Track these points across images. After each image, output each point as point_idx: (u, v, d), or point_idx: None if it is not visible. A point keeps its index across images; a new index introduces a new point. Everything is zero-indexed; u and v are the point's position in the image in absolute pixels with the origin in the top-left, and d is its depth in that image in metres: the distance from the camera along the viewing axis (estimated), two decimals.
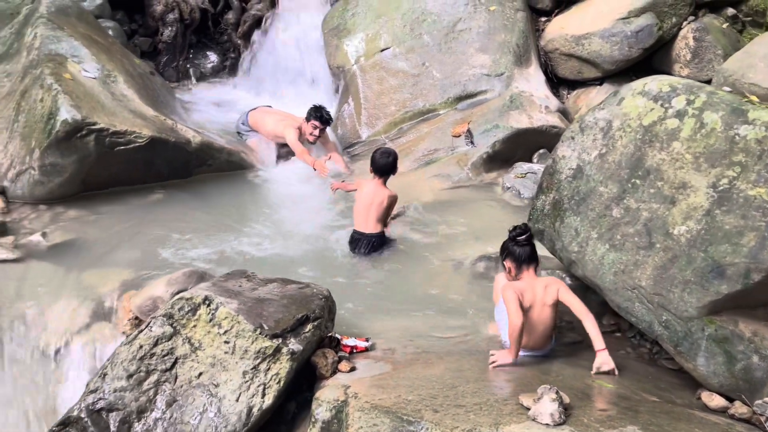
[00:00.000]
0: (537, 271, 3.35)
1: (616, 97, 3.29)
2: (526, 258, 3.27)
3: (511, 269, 3.31)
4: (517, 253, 3.28)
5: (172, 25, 7.41)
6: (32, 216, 4.70)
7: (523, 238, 3.28)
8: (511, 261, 3.31)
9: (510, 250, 3.32)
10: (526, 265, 3.28)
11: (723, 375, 2.82)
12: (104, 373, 2.82)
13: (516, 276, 3.30)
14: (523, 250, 3.27)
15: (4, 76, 5.25)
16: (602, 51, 6.57)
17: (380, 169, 4.66)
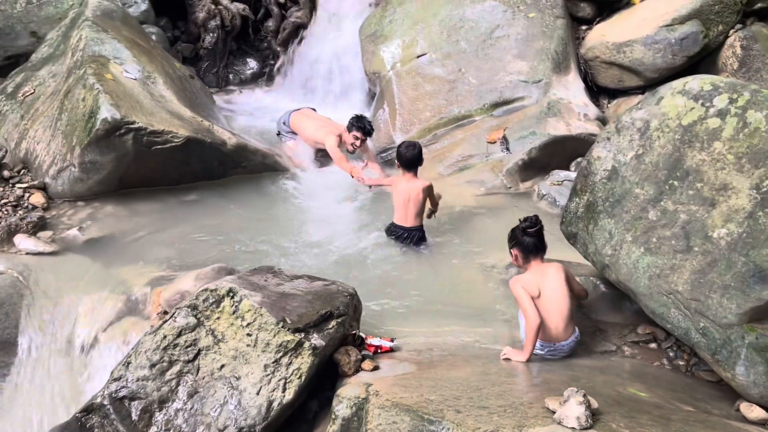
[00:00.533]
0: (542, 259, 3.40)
1: (655, 96, 3.19)
2: (533, 248, 3.35)
3: (517, 257, 3.40)
4: (525, 243, 3.36)
5: (214, 32, 7.55)
6: (71, 212, 4.80)
7: (533, 230, 3.34)
8: (518, 250, 3.39)
9: (519, 240, 3.39)
10: (533, 255, 3.36)
11: (764, 385, 2.67)
12: (128, 362, 2.83)
13: (523, 264, 3.39)
14: (531, 240, 3.34)
15: (50, 77, 5.40)
16: (644, 59, 6.42)
17: (408, 163, 4.70)
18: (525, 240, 3.36)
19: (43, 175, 4.92)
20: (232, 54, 7.88)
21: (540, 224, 3.38)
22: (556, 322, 3.23)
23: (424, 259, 4.59)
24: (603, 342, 3.51)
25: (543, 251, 3.38)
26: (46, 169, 4.91)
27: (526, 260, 3.37)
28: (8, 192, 4.76)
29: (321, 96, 7.13)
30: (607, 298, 3.69)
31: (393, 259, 4.56)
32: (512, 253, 3.44)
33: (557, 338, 3.27)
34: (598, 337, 3.55)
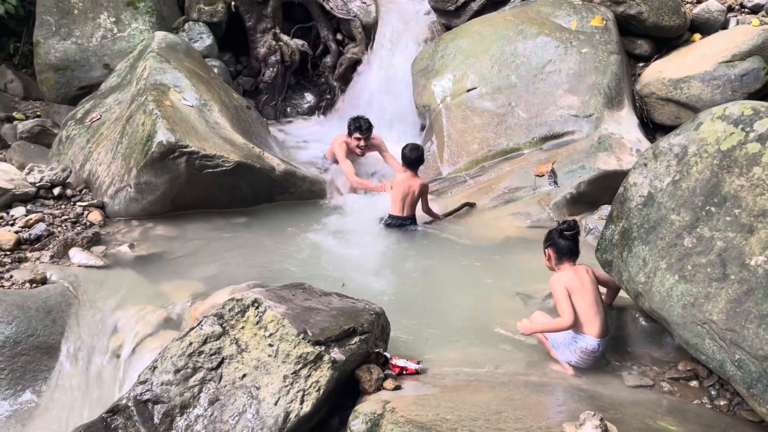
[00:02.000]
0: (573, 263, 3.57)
1: (694, 122, 3.11)
2: (567, 251, 3.54)
3: (551, 257, 3.60)
4: (560, 245, 3.55)
5: (274, 67, 7.87)
6: (124, 230, 5.03)
7: (570, 234, 3.54)
8: (553, 250, 3.58)
9: (554, 241, 3.58)
10: (567, 257, 3.55)
11: None
12: (154, 366, 2.91)
13: (555, 265, 3.58)
14: (566, 243, 3.54)
15: (115, 104, 5.75)
16: (702, 95, 6.27)
17: (411, 162, 5.45)
18: (560, 242, 3.55)
19: (102, 194, 5.19)
20: (291, 88, 8.18)
21: (577, 229, 3.58)
22: (595, 319, 3.38)
23: (462, 285, 4.54)
24: (640, 376, 3.36)
25: (576, 256, 3.56)
26: (105, 189, 5.19)
27: (558, 261, 3.56)
28: (69, 209, 5.04)
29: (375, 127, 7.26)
30: (646, 331, 3.54)
31: (432, 284, 4.55)
32: (546, 253, 3.63)
33: (598, 335, 3.38)
34: (635, 371, 3.40)
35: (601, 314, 3.42)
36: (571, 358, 3.43)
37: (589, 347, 3.37)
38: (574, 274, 3.47)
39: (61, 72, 6.85)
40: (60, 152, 5.79)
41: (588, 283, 3.44)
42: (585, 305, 3.38)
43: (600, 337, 3.37)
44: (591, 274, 3.50)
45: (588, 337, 3.37)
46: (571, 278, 3.45)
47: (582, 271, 3.50)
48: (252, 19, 7.73)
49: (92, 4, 6.88)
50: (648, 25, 6.76)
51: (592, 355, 3.38)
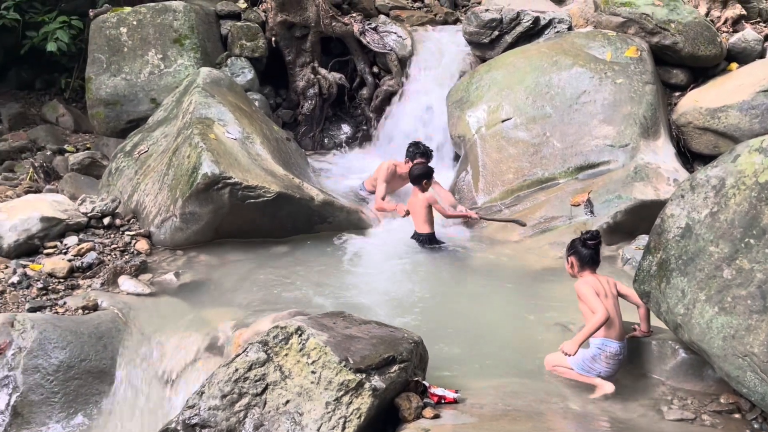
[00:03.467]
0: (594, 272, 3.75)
1: (731, 154, 3.13)
2: (589, 259, 3.72)
3: (573, 265, 3.76)
4: (582, 254, 3.72)
5: (312, 99, 8.08)
6: (170, 258, 5.21)
7: (592, 243, 3.72)
8: (575, 258, 3.74)
9: (576, 249, 3.75)
10: (588, 266, 3.72)
11: None
12: (202, 392, 3.02)
13: (576, 273, 3.76)
14: (588, 252, 3.71)
15: (162, 137, 6.00)
16: (740, 124, 6.25)
17: (414, 179, 5.79)
18: (583, 251, 3.72)
19: (149, 224, 5.39)
20: (328, 119, 8.38)
21: (599, 239, 3.76)
22: (616, 323, 3.57)
23: (500, 314, 4.58)
24: (681, 410, 3.34)
25: (596, 265, 3.75)
26: (151, 219, 5.39)
27: (581, 269, 3.74)
28: (118, 238, 5.25)
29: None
30: (686, 363, 3.52)
31: (470, 312, 4.59)
32: (568, 261, 3.80)
33: (618, 338, 3.56)
34: (676, 405, 3.38)
35: (620, 320, 3.62)
36: (600, 368, 3.57)
37: (612, 350, 3.55)
38: (596, 279, 3.69)
39: (111, 106, 7.16)
40: (109, 183, 6.04)
41: (609, 290, 3.66)
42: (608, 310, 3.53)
43: (620, 340, 3.58)
44: (612, 285, 3.70)
45: (610, 341, 3.56)
46: (595, 282, 3.66)
47: (603, 280, 3.71)
48: (291, 54, 7.98)
49: (141, 42, 7.21)
50: (683, 55, 6.79)
51: (616, 358, 3.57)
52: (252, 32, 7.77)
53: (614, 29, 7.02)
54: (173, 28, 7.26)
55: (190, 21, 7.32)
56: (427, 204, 5.67)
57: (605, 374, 3.58)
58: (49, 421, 3.69)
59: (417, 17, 8.54)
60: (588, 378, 3.59)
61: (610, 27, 7.07)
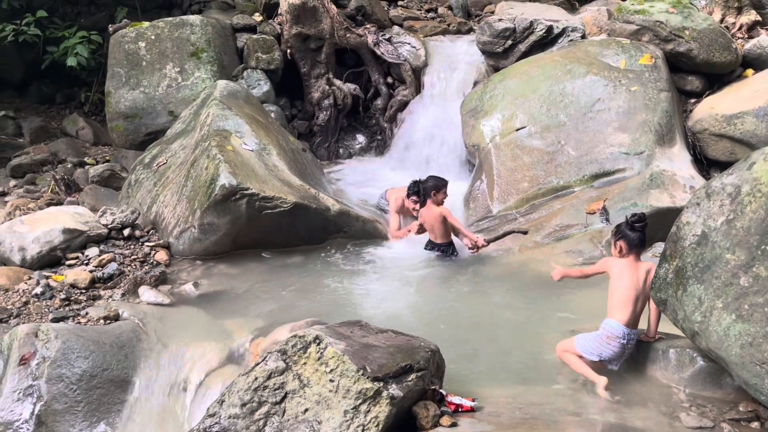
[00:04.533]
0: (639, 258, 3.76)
1: (747, 162, 3.13)
2: (637, 242, 3.71)
3: (622, 248, 3.75)
4: (630, 237, 3.72)
5: (327, 110, 8.17)
6: (189, 269, 5.29)
7: (640, 225, 3.72)
8: (624, 242, 3.74)
9: (624, 233, 3.75)
10: (636, 248, 3.73)
11: None
12: (222, 400, 3.07)
13: (623, 255, 3.75)
14: (636, 235, 3.72)
15: (180, 149, 6.09)
16: (757, 130, 6.22)
17: (426, 192, 5.76)
18: (630, 234, 3.72)
19: (168, 235, 5.48)
20: (343, 130, 8.45)
21: (646, 221, 3.75)
22: (633, 311, 3.62)
23: (514, 322, 4.58)
24: (699, 417, 3.32)
25: (643, 247, 3.76)
26: (170, 230, 5.47)
27: (628, 252, 3.73)
28: (138, 249, 5.34)
29: (423, 168, 7.42)
30: (704, 371, 3.50)
31: (486, 320, 4.61)
32: (617, 245, 3.77)
33: (628, 324, 3.61)
34: (694, 412, 3.36)
35: (634, 308, 3.62)
36: (602, 350, 3.65)
37: (614, 332, 3.61)
38: (630, 265, 3.70)
39: (130, 119, 7.29)
40: (129, 195, 6.14)
41: (637, 277, 3.66)
42: (622, 292, 3.63)
43: (625, 324, 3.60)
44: (649, 277, 3.62)
45: (613, 321, 3.62)
46: (623, 266, 3.70)
47: (642, 268, 3.69)
48: (306, 66, 8.08)
49: (159, 56, 7.33)
50: (698, 61, 6.77)
51: (617, 341, 3.61)
52: (267, 45, 7.88)
53: (628, 37, 7.02)
54: (190, 42, 7.38)
55: (206, 34, 7.44)
56: (442, 217, 5.63)
57: (607, 357, 3.66)
58: (73, 430, 3.75)
59: (430, 27, 8.60)
60: (586, 370, 3.66)
61: (624, 35, 7.07)
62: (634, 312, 3.64)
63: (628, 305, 3.63)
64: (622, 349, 3.65)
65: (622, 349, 3.65)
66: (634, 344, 3.69)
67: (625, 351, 3.67)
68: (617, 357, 3.67)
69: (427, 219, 5.72)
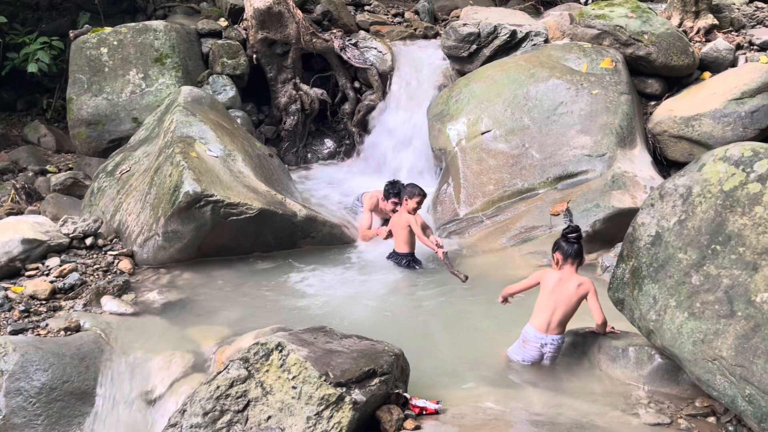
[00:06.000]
0: (578, 269, 3.91)
1: (697, 163, 3.23)
2: (571, 254, 3.87)
3: (558, 260, 3.90)
4: (564, 249, 3.89)
5: (294, 115, 8.15)
6: (153, 277, 5.22)
7: (573, 237, 3.88)
8: (559, 253, 3.90)
9: (559, 245, 3.93)
10: (571, 259, 3.87)
11: None
12: (184, 410, 3.04)
13: (559, 267, 3.90)
14: (570, 247, 3.88)
15: (144, 156, 6.03)
16: (713, 132, 6.38)
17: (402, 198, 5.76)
18: (564, 246, 3.89)
19: (132, 243, 5.41)
20: (311, 135, 8.45)
21: (579, 232, 3.91)
22: (548, 319, 3.83)
23: (480, 324, 4.63)
24: (657, 414, 3.39)
25: (579, 259, 3.89)
26: (134, 238, 5.41)
27: (564, 263, 3.88)
28: (101, 258, 5.26)
29: (390, 171, 7.46)
30: (662, 368, 3.59)
31: (450, 323, 4.64)
32: (554, 257, 3.94)
33: (546, 331, 3.84)
34: (653, 409, 3.44)
35: (551, 316, 3.83)
36: (522, 354, 3.92)
37: (528, 336, 3.87)
38: (560, 278, 3.86)
39: (93, 126, 7.19)
40: (92, 203, 6.05)
41: (564, 293, 3.82)
42: (542, 301, 3.88)
43: (538, 329, 3.84)
44: (578, 289, 3.82)
45: (528, 327, 3.88)
46: (553, 279, 3.88)
47: (573, 281, 3.83)
48: (273, 71, 8.05)
49: (122, 62, 7.25)
50: (657, 65, 6.93)
51: (532, 344, 3.86)
52: (233, 50, 7.84)
53: (590, 41, 7.16)
54: (154, 48, 7.31)
55: (171, 40, 7.38)
56: (407, 225, 5.65)
57: (528, 359, 3.90)
58: None
59: (397, 32, 8.65)
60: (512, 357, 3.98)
61: (585, 39, 7.20)
62: (549, 319, 3.84)
63: (546, 313, 3.84)
64: (539, 351, 3.86)
65: (538, 351, 3.86)
66: (555, 347, 3.88)
67: (543, 353, 3.87)
68: (537, 358, 3.88)
69: (395, 223, 5.78)
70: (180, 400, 3.90)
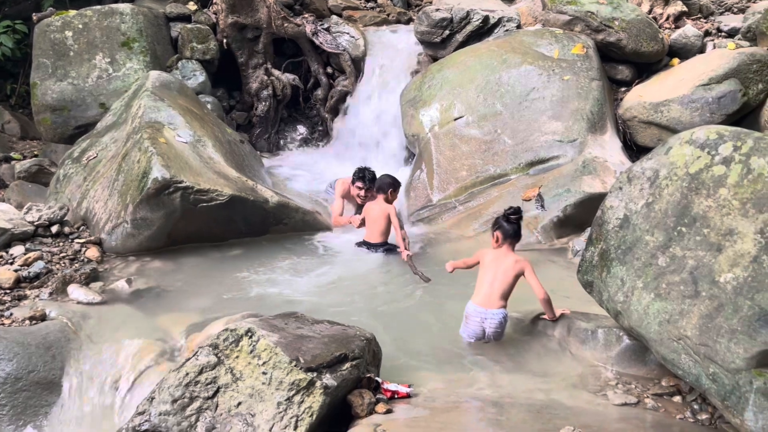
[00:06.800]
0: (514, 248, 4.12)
1: (664, 146, 3.26)
2: (511, 233, 4.09)
3: (498, 238, 4.11)
4: (505, 228, 4.09)
5: (266, 101, 8.06)
6: (122, 265, 5.14)
7: (514, 218, 4.08)
8: (500, 232, 4.11)
9: (500, 224, 4.12)
10: (510, 239, 4.09)
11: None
12: (152, 397, 3.00)
13: (499, 245, 4.10)
14: (511, 227, 4.08)
15: (111, 142, 5.91)
16: (682, 117, 6.46)
17: (379, 188, 5.78)
18: (505, 225, 4.08)
19: (100, 231, 5.31)
20: (283, 121, 8.37)
21: (520, 214, 4.11)
22: (487, 293, 4.02)
23: (449, 308, 4.64)
24: (625, 394, 3.45)
25: (516, 238, 4.11)
26: (102, 226, 5.31)
27: (503, 242, 4.09)
28: (67, 246, 5.16)
29: (363, 158, 7.42)
30: (630, 349, 3.64)
31: (422, 309, 4.65)
32: (494, 235, 4.14)
33: (484, 305, 4.01)
34: (620, 390, 3.49)
35: (489, 291, 4.02)
36: (467, 330, 4.07)
37: (469, 312, 4.05)
38: (498, 256, 4.06)
39: (58, 112, 7.02)
40: (58, 191, 5.92)
41: (500, 267, 4.02)
42: (481, 279, 4.06)
43: (478, 304, 4.02)
44: (515, 266, 4.01)
45: (470, 303, 4.06)
46: (490, 256, 4.08)
47: (509, 260, 4.03)
48: (244, 56, 7.94)
49: (87, 46, 7.08)
50: (627, 51, 6.98)
51: (471, 319, 4.03)
52: (203, 34, 7.71)
53: (561, 27, 7.19)
54: (121, 31, 7.15)
55: (138, 24, 7.22)
56: (387, 215, 5.65)
57: (471, 335, 4.06)
58: None
59: (370, 17, 8.59)
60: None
61: (557, 25, 7.23)
62: (489, 294, 4.02)
63: (485, 288, 4.03)
64: (480, 326, 4.03)
65: (480, 326, 4.03)
66: (496, 321, 4.03)
67: (485, 328, 4.03)
68: (479, 334, 4.04)
69: (372, 213, 5.72)
70: (149, 389, 3.86)
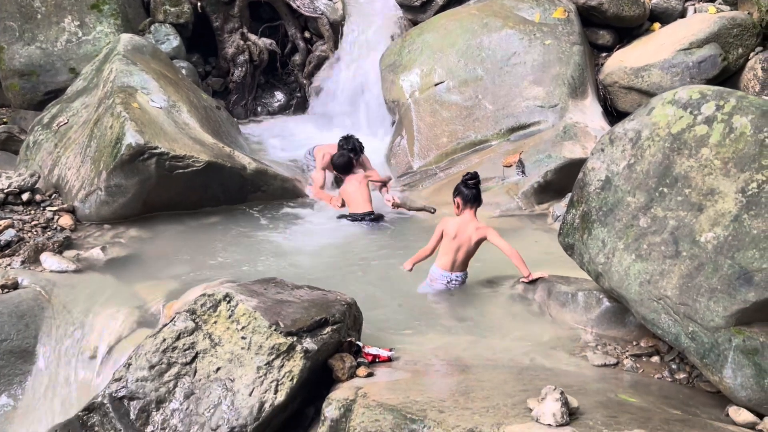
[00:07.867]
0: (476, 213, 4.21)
1: (647, 107, 3.23)
2: (470, 198, 4.16)
3: (459, 204, 4.19)
4: (464, 194, 4.16)
5: (242, 66, 7.88)
6: (96, 234, 5.03)
7: (472, 182, 4.16)
8: (460, 198, 4.18)
9: (460, 190, 4.19)
10: (470, 204, 4.17)
11: (751, 388, 2.61)
12: (129, 364, 2.95)
13: (461, 211, 4.20)
14: (469, 191, 4.16)
15: (82, 108, 5.74)
16: (662, 82, 6.44)
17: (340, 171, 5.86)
18: (464, 191, 4.15)
19: (73, 198, 5.18)
20: (260, 87, 8.21)
21: (477, 179, 4.21)
22: (454, 260, 4.17)
23: None
24: (604, 355, 3.47)
25: (477, 203, 4.20)
26: (75, 193, 5.18)
27: (464, 207, 4.17)
28: (39, 215, 5.03)
29: (343, 124, 7.33)
30: (610, 311, 3.65)
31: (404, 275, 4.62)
32: (455, 202, 4.21)
33: (454, 270, 4.20)
34: (600, 351, 3.51)
35: (455, 256, 4.16)
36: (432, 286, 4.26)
37: (435, 275, 4.23)
38: (460, 222, 4.16)
39: (27, 77, 6.81)
40: (28, 158, 5.76)
41: (464, 234, 4.14)
42: (446, 246, 4.16)
43: (443, 268, 4.20)
44: (477, 232, 4.13)
45: (434, 267, 4.23)
46: (454, 225, 4.17)
47: (471, 227, 4.14)
48: (219, 20, 7.74)
49: (55, 8, 6.84)
50: (609, 15, 6.93)
51: (438, 281, 4.23)
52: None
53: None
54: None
55: None
56: (366, 180, 5.71)
57: (434, 291, 4.27)
58: None
59: None
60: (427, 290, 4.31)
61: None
62: (453, 259, 4.17)
63: (450, 255, 4.16)
64: (444, 286, 4.23)
65: (445, 286, 4.23)
66: (459, 281, 4.25)
67: (449, 287, 4.23)
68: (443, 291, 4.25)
69: (351, 186, 5.72)
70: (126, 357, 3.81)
